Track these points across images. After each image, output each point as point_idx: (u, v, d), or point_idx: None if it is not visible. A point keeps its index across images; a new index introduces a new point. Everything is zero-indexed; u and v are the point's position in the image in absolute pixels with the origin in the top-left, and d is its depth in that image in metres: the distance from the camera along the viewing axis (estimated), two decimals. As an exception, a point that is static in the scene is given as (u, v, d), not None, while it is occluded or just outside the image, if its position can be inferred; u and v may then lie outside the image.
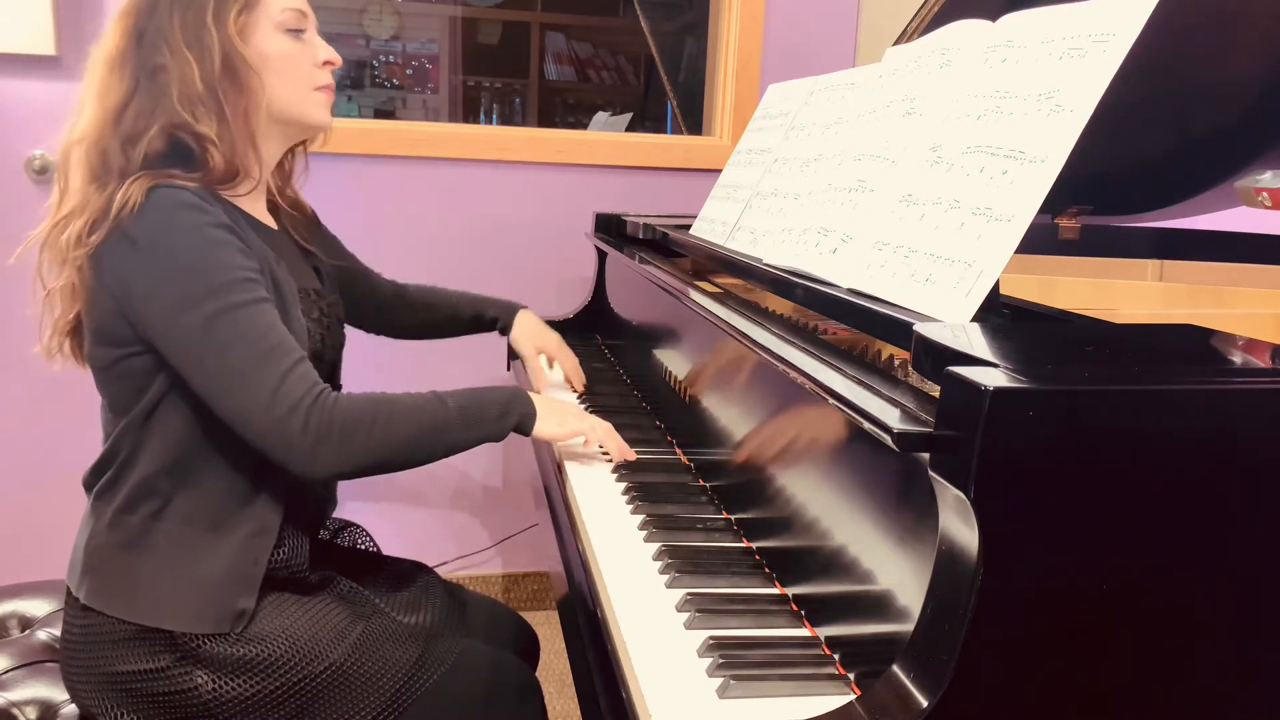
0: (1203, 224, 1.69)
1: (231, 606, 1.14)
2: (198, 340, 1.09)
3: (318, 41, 1.27)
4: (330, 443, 1.10)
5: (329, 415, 1.10)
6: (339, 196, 2.29)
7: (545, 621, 2.31)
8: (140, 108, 1.15)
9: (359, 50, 4.37)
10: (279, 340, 1.11)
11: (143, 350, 1.14)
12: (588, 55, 4.59)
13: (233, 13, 1.17)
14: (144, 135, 1.14)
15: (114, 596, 1.15)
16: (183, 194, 1.12)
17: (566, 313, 2.16)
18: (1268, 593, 0.71)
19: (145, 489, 1.16)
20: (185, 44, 1.16)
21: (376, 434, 1.13)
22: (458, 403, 1.20)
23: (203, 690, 1.12)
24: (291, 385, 1.09)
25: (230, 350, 1.09)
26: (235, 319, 1.09)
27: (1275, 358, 0.79)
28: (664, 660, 0.87)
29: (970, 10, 1.12)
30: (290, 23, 1.22)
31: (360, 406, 1.13)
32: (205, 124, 1.16)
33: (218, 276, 1.10)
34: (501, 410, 1.24)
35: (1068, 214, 1.63)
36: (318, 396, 1.11)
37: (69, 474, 1.21)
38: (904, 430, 0.74)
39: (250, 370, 1.09)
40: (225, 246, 1.12)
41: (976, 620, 0.66)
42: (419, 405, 1.18)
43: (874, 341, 1.06)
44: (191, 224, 1.11)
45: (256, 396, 1.08)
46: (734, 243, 1.48)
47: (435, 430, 1.18)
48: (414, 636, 1.23)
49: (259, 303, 1.12)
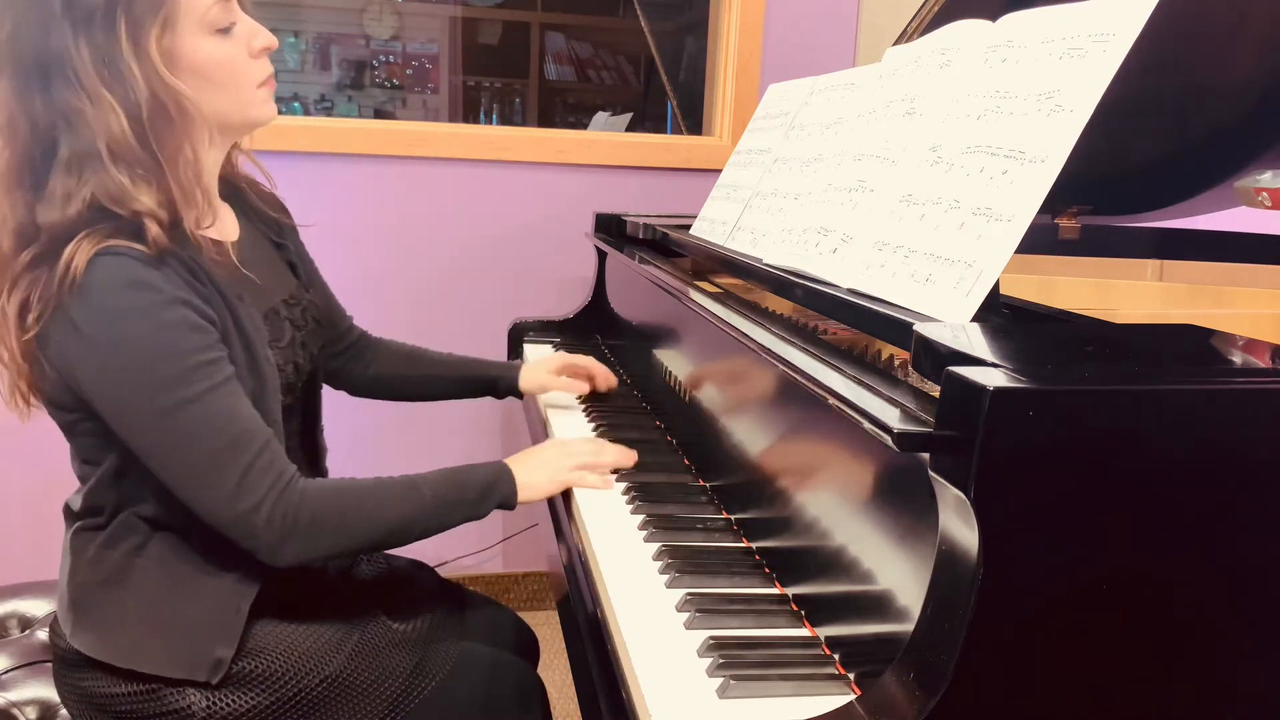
0: (1203, 224, 1.69)
1: (209, 655, 1.09)
2: (152, 436, 1.02)
3: (249, 27, 1.11)
4: (296, 537, 1.05)
5: (295, 510, 1.05)
6: (339, 197, 2.29)
7: (545, 621, 2.31)
8: (68, 164, 1.01)
9: (359, 50, 4.38)
10: (240, 431, 1.04)
11: (95, 414, 1.05)
12: (588, 55, 4.60)
13: (153, 36, 1.01)
14: (76, 195, 1.00)
15: (94, 636, 1.11)
16: (129, 265, 0.99)
17: (566, 313, 2.16)
18: (1268, 592, 0.71)
19: (125, 526, 1.11)
20: (103, 83, 1.00)
21: (345, 527, 1.09)
22: (434, 489, 1.15)
23: (196, 708, 1.09)
24: (254, 480, 1.03)
25: (187, 448, 1.02)
26: (190, 414, 1.01)
27: (1275, 358, 0.79)
28: (664, 660, 0.87)
29: (970, 10, 1.12)
30: (218, 20, 1.06)
31: (328, 499, 1.08)
32: (142, 192, 1.01)
33: (169, 368, 1.00)
34: (481, 493, 1.18)
35: (1068, 214, 1.63)
36: (283, 491, 1.05)
37: (69, 473, 1.21)
38: (904, 430, 0.74)
39: (209, 469, 1.02)
40: (177, 329, 1.01)
41: (976, 620, 0.66)
42: (391, 494, 1.13)
43: (874, 341, 1.06)
44: (138, 306, 1.00)
45: (217, 495, 1.03)
46: (734, 243, 1.48)
47: (408, 521, 1.13)
48: (412, 642, 1.22)
49: (216, 389, 1.03)
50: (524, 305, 2.33)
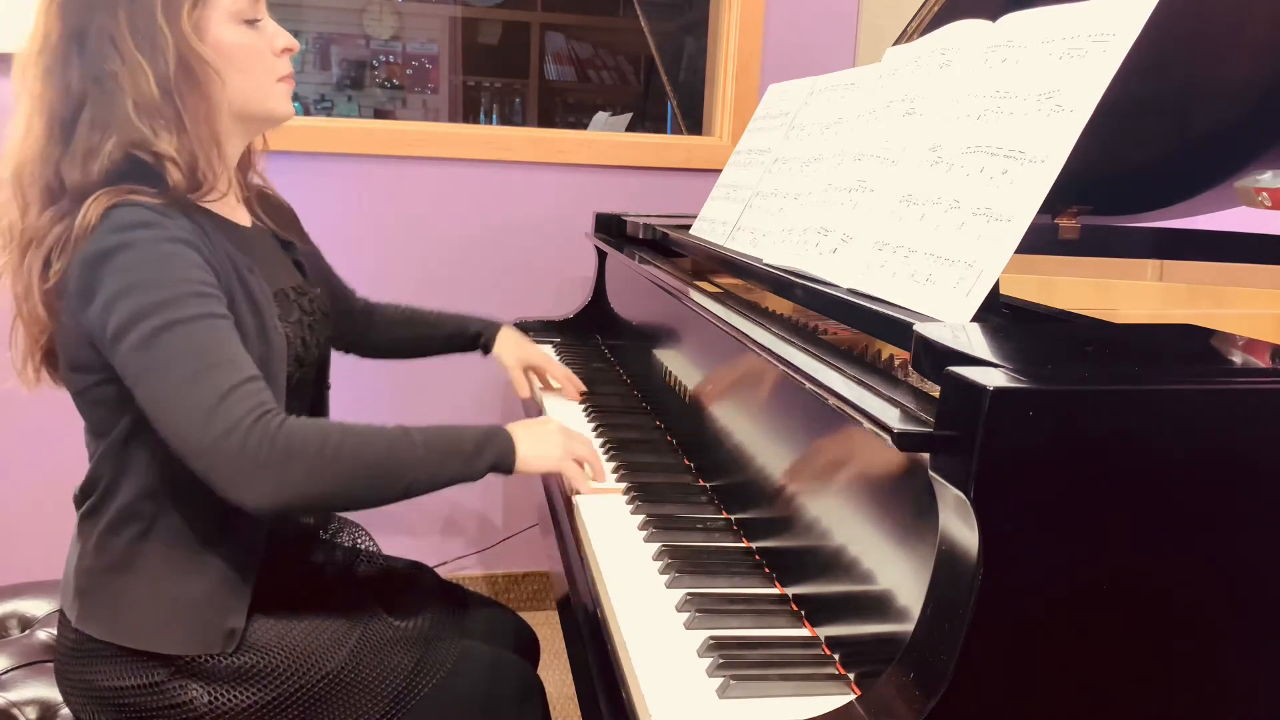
0: (1203, 224, 1.69)
1: (221, 627, 1.12)
2: (140, 356, 1.02)
3: (273, 28, 1.19)
4: (269, 470, 1.00)
5: (270, 437, 1.00)
6: (339, 196, 2.29)
7: (545, 621, 2.31)
8: (93, 121, 1.08)
9: (359, 50, 4.38)
10: (226, 357, 1.03)
11: (114, 377, 1.07)
12: (588, 55, 4.60)
13: (185, 8, 1.09)
14: (98, 153, 1.07)
15: (104, 620, 1.13)
16: (140, 211, 1.05)
17: (566, 313, 2.16)
18: (1268, 592, 0.71)
19: (129, 512, 1.13)
20: (136, 47, 1.07)
21: (323, 462, 1.02)
22: (425, 437, 1.10)
23: (198, 703, 1.10)
24: (232, 404, 1.00)
25: (171, 366, 1.01)
26: (179, 334, 1.02)
27: (1275, 358, 0.79)
28: (664, 660, 0.87)
29: (970, 10, 1.12)
30: (246, 12, 1.14)
31: (308, 431, 1.03)
32: (164, 140, 1.08)
33: (166, 291, 1.03)
34: (476, 447, 1.13)
35: (1068, 214, 1.64)
36: (260, 416, 1.01)
37: (68, 473, 1.21)
38: (904, 430, 0.74)
39: (187, 386, 1.01)
40: (179, 259, 1.05)
41: (976, 620, 0.66)
42: (379, 435, 1.08)
43: (874, 341, 1.06)
44: (145, 239, 1.04)
45: (192, 414, 1.00)
46: (734, 243, 1.48)
47: (394, 466, 1.07)
48: (412, 640, 1.22)
49: (209, 318, 1.04)
50: (524, 305, 2.33)
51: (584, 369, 1.87)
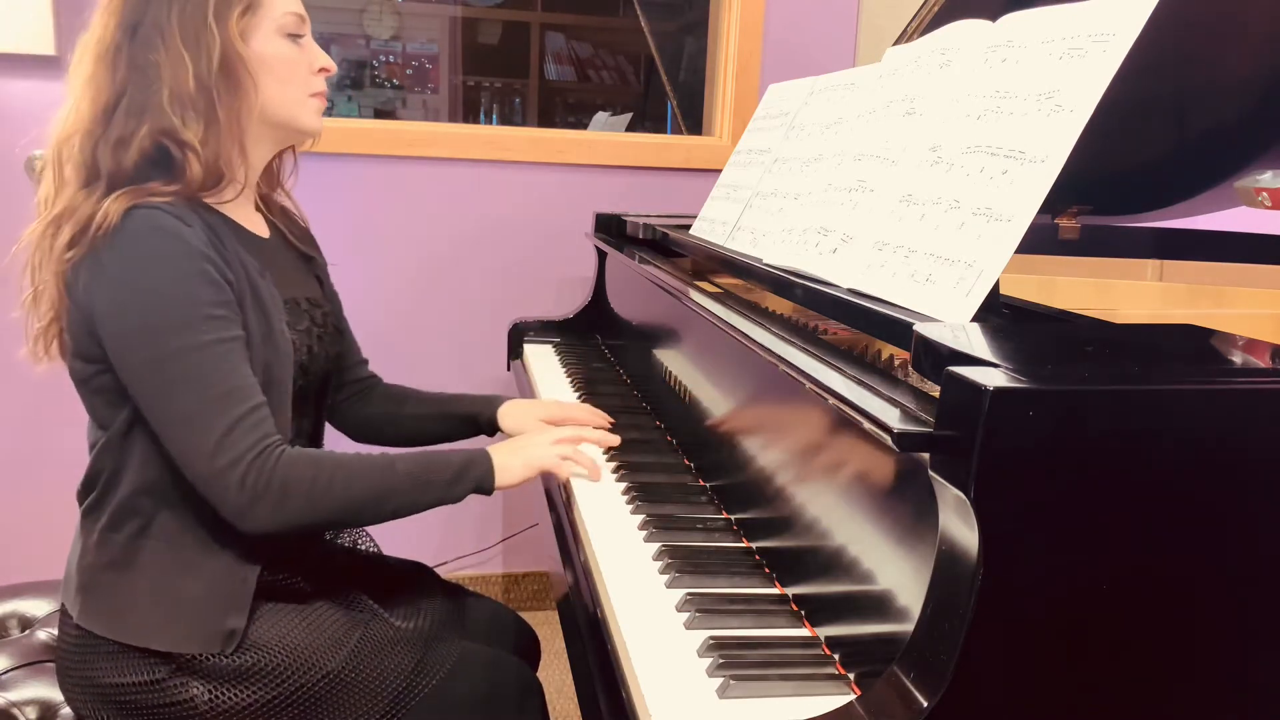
0: (1203, 224, 1.69)
1: (220, 626, 1.12)
2: (150, 375, 1.07)
3: (315, 48, 1.24)
4: (266, 501, 1.08)
5: (269, 473, 1.08)
6: (339, 197, 2.29)
7: (545, 621, 2.31)
8: (129, 107, 1.12)
9: (359, 50, 4.37)
10: (234, 386, 1.08)
11: (114, 368, 1.11)
12: (588, 55, 4.59)
13: (235, 13, 1.15)
14: (134, 138, 1.11)
15: (105, 617, 1.14)
16: (160, 217, 1.09)
17: (566, 313, 2.16)
18: (1267, 592, 0.71)
19: (128, 508, 1.14)
20: (183, 42, 1.12)
21: (315, 496, 1.10)
22: (407, 467, 1.17)
23: (199, 701, 1.11)
24: (238, 437, 1.07)
25: (181, 392, 1.07)
26: (191, 359, 1.07)
27: (1275, 358, 0.79)
28: (664, 660, 0.86)
29: (970, 10, 1.12)
30: (291, 27, 1.20)
31: (302, 467, 1.10)
32: (191, 129, 1.13)
33: (181, 312, 1.07)
34: (455, 474, 1.20)
35: (1068, 214, 1.64)
36: (262, 451, 1.08)
37: (68, 473, 1.21)
38: (904, 430, 0.74)
39: (197, 416, 1.07)
40: (195, 279, 1.09)
41: (976, 620, 0.66)
42: (368, 468, 1.15)
43: (874, 341, 1.06)
44: (163, 253, 1.08)
45: (200, 444, 1.06)
46: (734, 243, 1.48)
47: (379, 495, 1.15)
48: (412, 641, 1.22)
49: (222, 343, 1.09)
50: (524, 305, 2.33)
51: (584, 369, 1.87)
